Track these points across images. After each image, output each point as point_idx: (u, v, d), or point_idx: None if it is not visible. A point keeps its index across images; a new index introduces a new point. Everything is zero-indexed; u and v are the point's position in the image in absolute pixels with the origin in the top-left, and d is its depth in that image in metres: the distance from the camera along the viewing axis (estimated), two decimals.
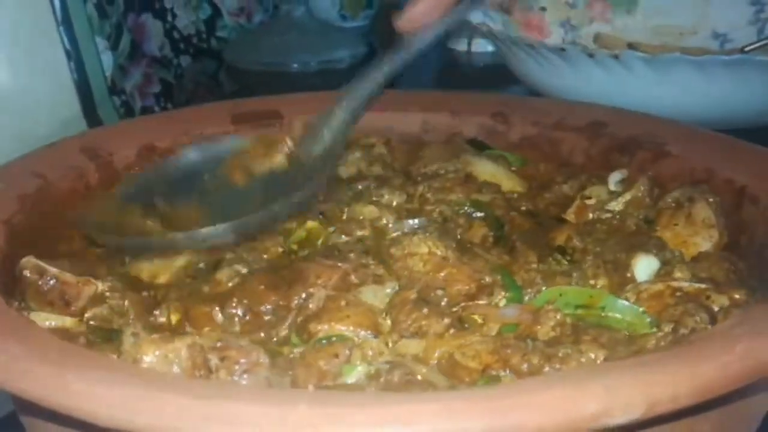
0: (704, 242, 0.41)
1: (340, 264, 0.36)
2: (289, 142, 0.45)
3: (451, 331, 0.32)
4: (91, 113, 0.87)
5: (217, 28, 1.09)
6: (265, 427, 0.22)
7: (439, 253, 0.38)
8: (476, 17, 0.82)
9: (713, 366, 0.23)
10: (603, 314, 0.35)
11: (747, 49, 0.85)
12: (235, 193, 0.43)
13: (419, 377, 0.28)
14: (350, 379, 0.28)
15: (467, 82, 1.02)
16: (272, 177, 0.44)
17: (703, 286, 0.36)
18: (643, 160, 0.48)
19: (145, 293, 0.38)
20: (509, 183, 0.50)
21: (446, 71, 1.06)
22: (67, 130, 0.83)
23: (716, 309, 0.35)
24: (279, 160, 0.44)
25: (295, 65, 0.99)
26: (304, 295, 0.34)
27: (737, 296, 0.35)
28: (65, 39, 0.82)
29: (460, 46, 1.06)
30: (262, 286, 0.35)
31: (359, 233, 0.41)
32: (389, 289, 0.35)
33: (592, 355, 0.29)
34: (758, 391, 0.28)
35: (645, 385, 0.22)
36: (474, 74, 1.03)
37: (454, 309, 0.35)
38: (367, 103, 0.46)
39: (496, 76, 0.85)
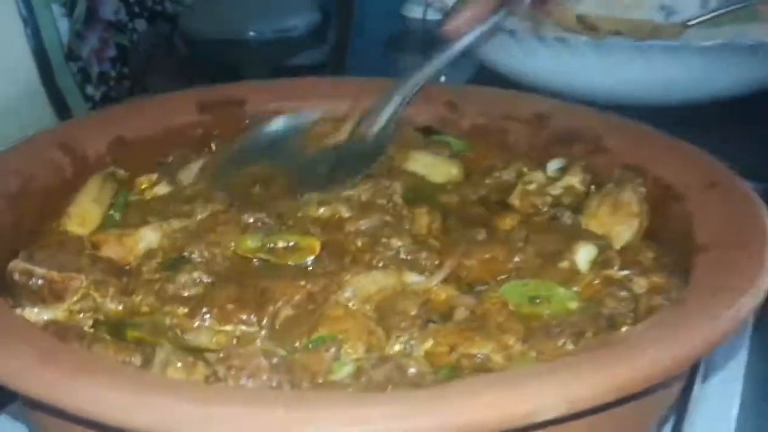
0: (627, 231, 0.46)
1: (304, 283, 0.39)
2: (354, 121, 0.54)
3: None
4: (49, 81, 0.88)
5: None
6: (250, 426, 0.26)
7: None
8: None
9: (626, 369, 0.28)
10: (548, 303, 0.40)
11: (690, 23, 0.89)
12: (308, 160, 0.52)
13: (411, 371, 0.32)
14: (338, 377, 0.32)
15: (420, 50, 1.04)
16: (334, 149, 0.53)
17: (628, 272, 0.42)
18: (580, 151, 0.52)
19: (125, 279, 0.41)
20: (449, 170, 0.53)
21: (401, 38, 1.08)
22: (26, 98, 0.84)
23: (639, 291, 0.40)
24: (343, 135, 0.54)
25: (251, 33, 0.99)
26: (271, 310, 0.38)
27: (657, 279, 0.41)
28: (21, 6, 0.82)
29: (415, 13, 1.08)
30: (231, 305, 0.38)
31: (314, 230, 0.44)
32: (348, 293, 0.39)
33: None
34: (667, 386, 0.33)
35: (568, 388, 0.27)
36: (427, 42, 1.05)
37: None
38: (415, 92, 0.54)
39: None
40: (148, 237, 0.44)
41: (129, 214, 0.47)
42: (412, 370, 0.32)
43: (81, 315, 0.38)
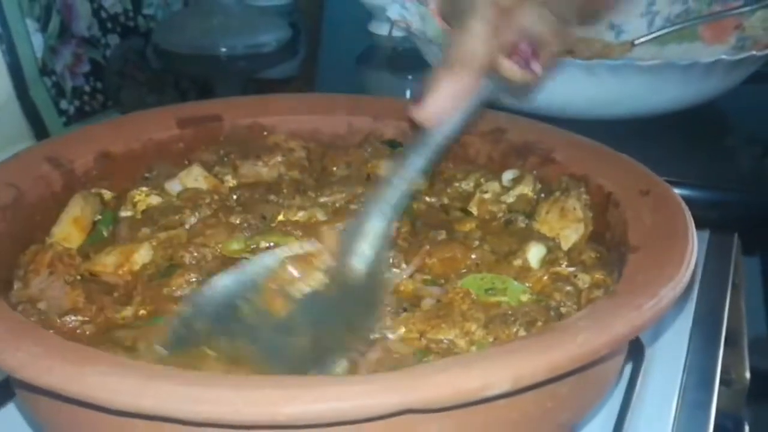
0: (573, 234, 0.51)
1: None
2: (327, 258, 0.42)
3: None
4: (23, 94, 0.90)
5: (143, 5, 1.11)
6: (239, 404, 0.30)
7: None
8: (394, 12, 0.89)
9: (560, 352, 0.33)
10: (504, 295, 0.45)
11: (637, 42, 0.95)
12: (280, 324, 0.39)
13: (396, 355, 0.37)
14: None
15: (386, 66, 1.09)
16: (316, 298, 0.41)
17: (573, 269, 0.47)
18: (533, 163, 0.58)
19: (116, 294, 0.44)
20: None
21: (367, 54, 1.13)
22: (0, 111, 0.86)
23: (582, 287, 0.46)
24: (319, 278, 0.41)
25: (223, 49, 1.03)
26: None
27: (598, 276, 0.46)
28: None
29: (381, 30, 1.13)
30: None
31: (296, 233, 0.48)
32: None
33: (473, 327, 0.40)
34: (605, 359, 0.38)
35: (511, 367, 0.32)
36: (394, 58, 1.10)
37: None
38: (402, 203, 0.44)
39: (415, 61, 0.92)
40: (142, 257, 0.48)
41: (121, 229, 0.51)
42: (396, 355, 0.36)
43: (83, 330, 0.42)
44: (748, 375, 0.64)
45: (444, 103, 0.42)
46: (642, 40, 0.95)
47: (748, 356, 0.65)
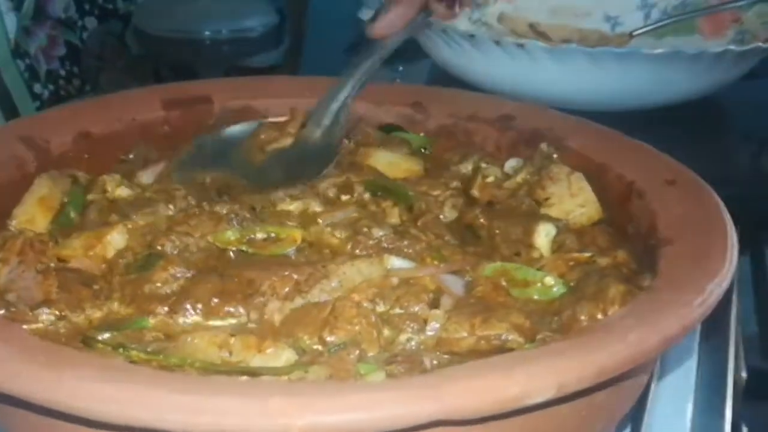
0: (581, 209, 0.48)
1: (289, 273, 0.39)
2: (295, 126, 0.55)
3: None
4: None
5: None
6: (248, 415, 0.26)
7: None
8: None
9: (608, 353, 0.29)
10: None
11: (635, 33, 0.93)
12: (256, 169, 0.53)
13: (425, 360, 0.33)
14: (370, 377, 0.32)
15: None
16: (283, 154, 0.54)
17: (589, 254, 0.44)
18: (545, 152, 0.54)
19: (96, 286, 0.40)
20: (407, 165, 0.54)
21: (358, 41, 1.09)
22: None
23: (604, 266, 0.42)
24: (287, 141, 0.54)
25: (207, 33, 0.98)
26: (257, 302, 0.38)
27: (619, 256, 0.43)
28: None
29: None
30: (216, 299, 0.38)
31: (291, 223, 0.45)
32: (334, 283, 0.39)
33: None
34: (638, 373, 0.35)
35: (556, 372, 0.28)
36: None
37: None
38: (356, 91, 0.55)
39: (405, 50, 0.88)
40: (116, 240, 0.43)
41: (90, 213, 0.46)
42: (427, 362, 0.33)
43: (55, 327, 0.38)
44: (744, 374, 0.62)
45: (390, 22, 0.55)
46: (641, 31, 0.92)
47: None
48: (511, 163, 0.54)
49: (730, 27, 0.91)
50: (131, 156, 0.52)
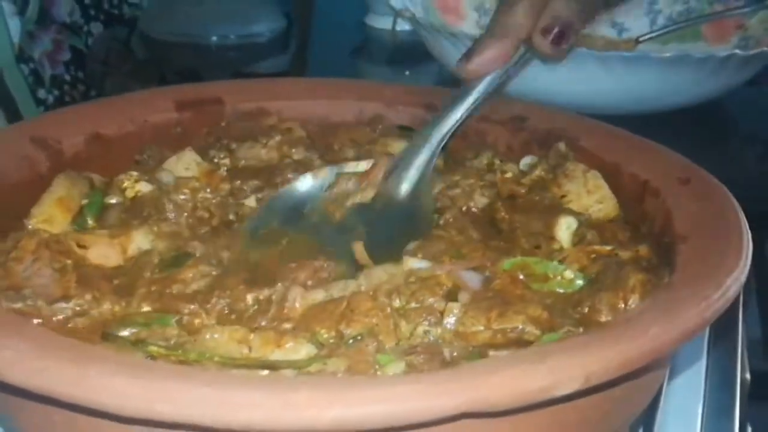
0: (598, 205, 0.48)
1: (310, 262, 0.40)
2: (378, 176, 0.49)
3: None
4: None
5: None
6: (274, 408, 0.26)
7: None
8: (397, 2, 0.85)
9: (632, 345, 0.29)
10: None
11: (641, 39, 0.93)
12: (335, 226, 0.47)
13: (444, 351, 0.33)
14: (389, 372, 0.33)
15: (384, 60, 1.05)
16: (362, 209, 0.48)
17: (610, 247, 0.44)
18: (559, 152, 0.54)
19: (116, 281, 0.40)
20: None
21: (364, 47, 1.09)
22: None
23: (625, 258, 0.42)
24: (368, 194, 0.49)
25: (214, 38, 0.99)
26: (280, 292, 0.38)
27: (640, 250, 0.43)
28: None
29: (379, 23, 1.09)
30: (241, 286, 0.38)
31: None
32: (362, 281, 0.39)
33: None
34: (657, 367, 0.35)
35: (582, 363, 0.28)
36: (392, 52, 1.06)
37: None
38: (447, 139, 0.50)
39: (413, 55, 0.88)
40: (140, 239, 0.43)
41: (109, 217, 0.46)
42: (448, 352, 0.33)
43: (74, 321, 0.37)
44: (748, 376, 0.62)
45: (486, 61, 0.49)
46: (647, 36, 0.93)
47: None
48: (526, 161, 0.55)
49: (734, 33, 0.93)
50: (145, 156, 0.52)
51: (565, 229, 0.46)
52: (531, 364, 0.28)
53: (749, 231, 0.40)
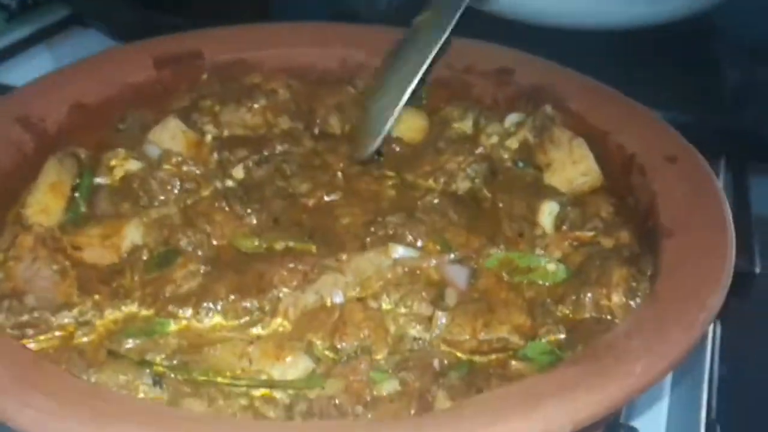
0: (583, 178, 0.49)
1: (298, 266, 0.40)
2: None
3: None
4: None
5: None
6: None
7: None
8: None
9: (619, 386, 0.31)
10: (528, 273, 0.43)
11: None
12: None
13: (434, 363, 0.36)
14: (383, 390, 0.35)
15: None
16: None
17: (591, 233, 0.45)
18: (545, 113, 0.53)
19: (114, 284, 0.40)
20: (411, 121, 0.54)
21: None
22: None
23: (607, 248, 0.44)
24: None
25: None
26: (271, 296, 0.40)
27: (622, 238, 0.45)
28: None
29: None
30: (233, 296, 0.39)
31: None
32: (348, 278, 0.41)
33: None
34: None
35: (570, 410, 0.30)
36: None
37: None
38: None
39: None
40: (132, 234, 0.43)
41: (100, 200, 0.45)
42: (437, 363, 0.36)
43: (79, 334, 0.39)
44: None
45: None
46: None
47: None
48: (511, 119, 0.54)
49: None
50: (127, 123, 0.51)
51: (547, 214, 0.46)
52: (523, 415, 0.29)
53: (733, 230, 0.41)
